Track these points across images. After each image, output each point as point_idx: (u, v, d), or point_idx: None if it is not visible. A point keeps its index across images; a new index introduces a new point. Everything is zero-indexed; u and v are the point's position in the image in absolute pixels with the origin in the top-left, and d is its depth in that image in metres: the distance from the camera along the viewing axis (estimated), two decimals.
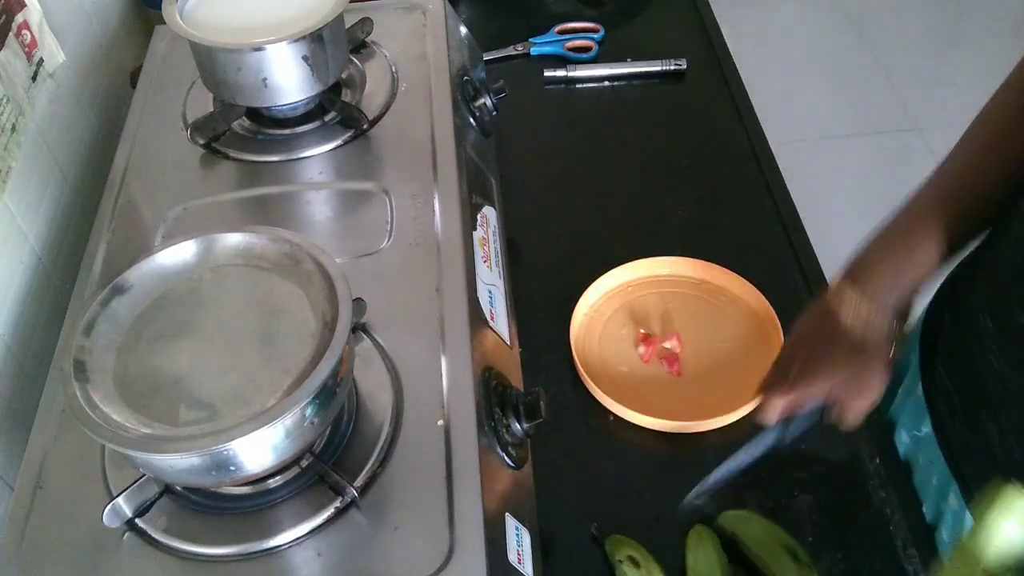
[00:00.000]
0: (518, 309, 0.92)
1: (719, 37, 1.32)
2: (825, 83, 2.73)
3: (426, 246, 0.83)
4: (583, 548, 0.79)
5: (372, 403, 0.72)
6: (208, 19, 0.93)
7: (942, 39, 2.89)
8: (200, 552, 0.65)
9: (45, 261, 0.94)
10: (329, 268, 0.67)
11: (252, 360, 0.64)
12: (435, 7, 1.10)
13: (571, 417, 0.88)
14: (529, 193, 1.10)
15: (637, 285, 0.99)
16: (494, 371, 0.77)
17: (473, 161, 0.96)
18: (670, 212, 1.08)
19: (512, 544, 0.68)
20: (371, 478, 0.67)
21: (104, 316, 0.66)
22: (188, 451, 0.59)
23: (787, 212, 1.06)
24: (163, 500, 0.67)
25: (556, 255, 1.04)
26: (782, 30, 2.93)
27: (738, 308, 0.96)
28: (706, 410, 0.86)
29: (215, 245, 0.70)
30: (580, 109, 1.24)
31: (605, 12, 1.37)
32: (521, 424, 0.74)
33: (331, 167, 0.93)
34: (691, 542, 0.77)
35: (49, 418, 0.74)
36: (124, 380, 0.63)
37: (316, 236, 0.84)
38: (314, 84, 0.93)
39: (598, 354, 0.93)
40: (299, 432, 0.63)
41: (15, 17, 0.93)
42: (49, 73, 1.00)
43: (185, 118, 0.99)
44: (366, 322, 0.77)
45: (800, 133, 2.49)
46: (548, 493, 0.79)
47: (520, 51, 1.31)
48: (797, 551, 0.74)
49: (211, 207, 0.89)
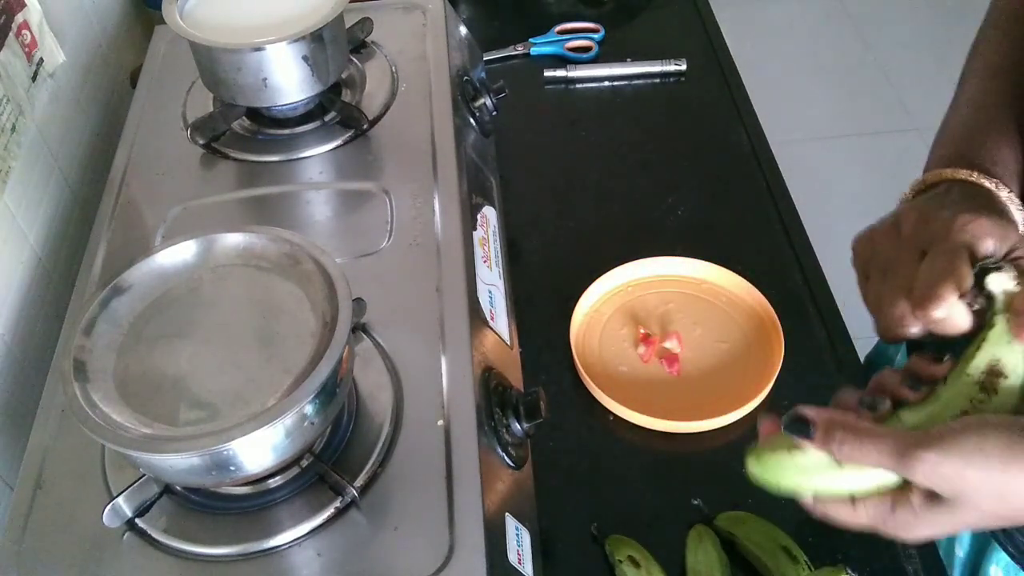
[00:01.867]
0: (518, 309, 0.92)
1: (719, 37, 1.32)
2: (825, 83, 2.73)
3: (426, 246, 0.83)
4: (583, 548, 0.79)
5: (372, 403, 0.72)
6: (208, 19, 0.93)
7: (942, 39, 2.89)
8: (200, 552, 0.65)
9: (45, 261, 0.94)
10: (329, 268, 0.67)
11: (252, 360, 0.64)
12: (435, 7, 1.10)
13: (571, 417, 0.88)
14: (529, 193, 1.10)
15: (637, 285, 0.99)
16: (494, 371, 0.77)
17: (473, 161, 0.96)
18: (670, 212, 1.08)
19: (512, 544, 0.68)
20: (371, 478, 0.67)
21: (104, 316, 0.66)
22: (188, 451, 0.59)
23: (787, 212, 1.06)
24: (163, 500, 0.67)
25: (556, 255, 1.04)
26: (782, 30, 2.93)
27: (738, 308, 0.96)
28: (706, 410, 0.86)
29: (215, 245, 0.70)
30: (580, 109, 1.23)
31: (605, 12, 1.37)
32: (521, 424, 0.74)
33: (331, 167, 0.93)
34: (691, 542, 0.77)
35: (49, 418, 0.74)
36: (124, 380, 0.63)
37: (316, 236, 0.84)
38: (314, 84, 0.93)
39: (598, 354, 0.93)
40: (299, 432, 0.63)
41: (15, 17, 0.93)
42: (49, 73, 1.00)
43: (185, 118, 0.99)
44: (366, 322, 0.77)
45: (800, 133, 2.49)
46: (548, 493, 0.78)
47: (520, 51, 1.31)
48: (796, 551, 0.74)
49: (211, 207, 0.89)
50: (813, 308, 0.96)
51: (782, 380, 0.88)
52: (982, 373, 0.48)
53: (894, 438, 0.46)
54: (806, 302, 0.97)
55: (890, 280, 0.54)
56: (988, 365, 0.48)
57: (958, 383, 0.49)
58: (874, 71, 2.76)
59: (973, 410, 0.48)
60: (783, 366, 0.88)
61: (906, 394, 0.50)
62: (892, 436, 0.46)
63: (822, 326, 0.94)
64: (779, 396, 0.87)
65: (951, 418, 0.47)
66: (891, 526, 0.48)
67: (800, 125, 2.51)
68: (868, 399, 0.50)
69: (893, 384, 0.51)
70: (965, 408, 0.48)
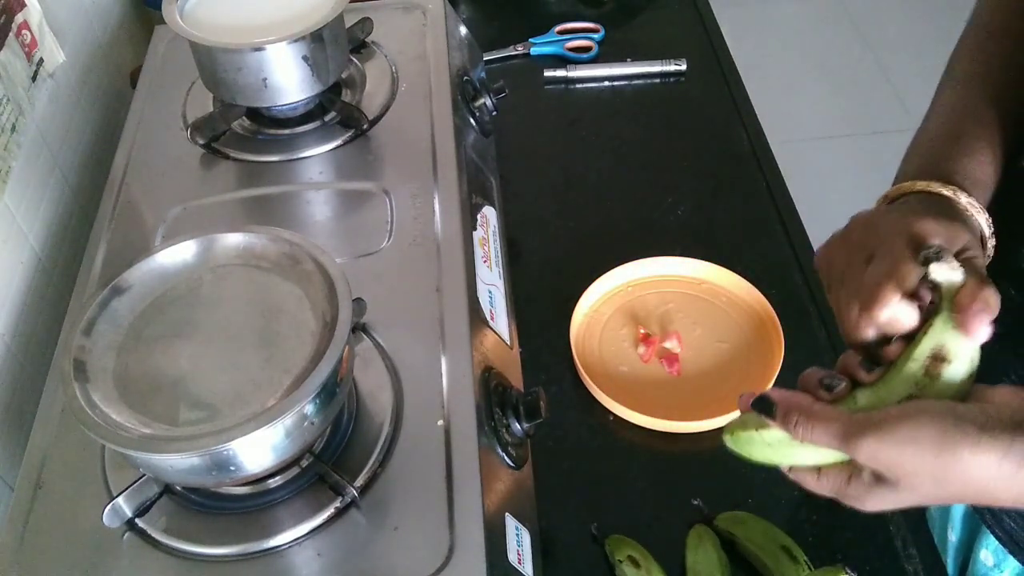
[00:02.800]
0: (518, 309, 0.92)
1: (719, 37, 1.32)
2: (825, 83, 2.73)
3: (426, 246, 0.83)
4: (583, 548, 0.79)
5: (372, 403, 0.72)
6: (208, 19, 0.93)
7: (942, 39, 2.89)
8: (200, 552, 0.65)
9: (45, 261, 0.94)
10: (329, 268, 0.67)
11: (252, 360, 0.64)
12: (435, 7, 1.10)
13: (571, 417, 0.88)
14: (529, 193, 1.10)
15: (637, 285, 0.99)
16: (494, 371, 0.77)
17: (473, 161, 0.96)
18: (670, 212, 1.08)
19: (512, 544, 0.68)
20: (371, 478, 0.67)
21: (104, 316, 0.66)
22: (188, 451, 0.59)
23: (787, 212, 1.06)
24: (163, 500, 0.67)
25: (556, 255, 1.04)
26: (782, 30, 2.93)
27: (738, 308, 0.96)
28: (706, 410, 0.86)
29: (215, 245, 0.70)
30: (580, 109, 1.23)
31: (605, 12, 1.37)
32: (521, 424, 0.74)
33: (331, 167, 0.93)
34: (691, 542, 0.77)
35: (49, 418, 0.74)
36: (124, 380, 0.63)
37: (316, 236, 0.84)
38: (314, 84, 0.93)
39: (598, 354, 0.93)
40: (299, 432, 0.63)
41: (15, 17, 0.93)
42: (49, 73, 1.00)
43: (185, 118, 0.99)
44: (366, 322, 0.77)
45: (800, 133, 2.49)
46: (548, 493, 0.78)
47: (520, 51, 1.31)
48: (796, 551, 0.74)
49: (211, 207, 0.89)
50: (813, 308, 0.96)
51: (782, 380, 0.88)
52: (927, 358, 0.50)
53: (840, 422, 0.49)
54: (806, 302, 0.97)
55: (845, 287, 0.55)
56: (932, 351, 0.50)
57: (905, 367, 0.51)
58: (874, 71, 2.76)
59: (919, 393, 0.50)
60: (783, 366, 0.88)
61: (861, 376, 0.52)
62: (839, 420, 0.49)
63: (822, 326, 0.94)
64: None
65: (898, 401, 0.50)
66: (847, 497, 0.51)
67: (800, 125, 2.51)
68: (827, 379, 0.52)
69: (853, 365, 0.53)
70: (911, 392, 0.50)
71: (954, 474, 0.46)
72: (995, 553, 0.81)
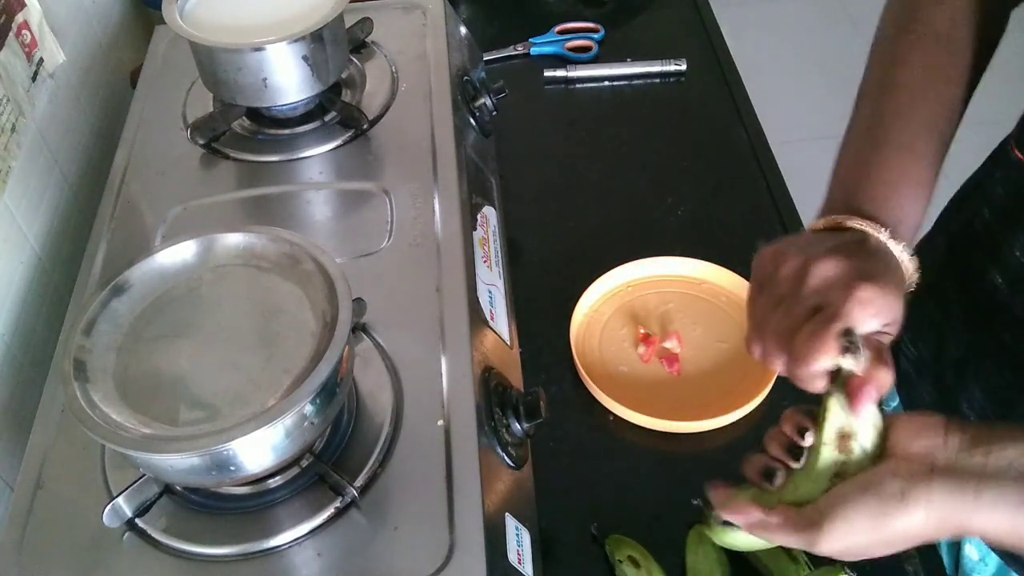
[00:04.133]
0: (518, 309, 0.92)
1: (719, 37, 1.32)
2: (825, 83, 2.73)
3: (426, 246, 0.83)
4: (583, 548, 0.79)
5: (372, 403, 0.72)
6: (208, 19, 0.93)
7: None
8: (200, 552, 0.65)
9: (45, 261, 0.94)
10: (329, 268, 0.67)
11: (252, 360, 0.64)
12: (435, 7, 1.10)
13: (571, 417, 0.88)
14: (529, 193, 1.10)
15: (637, 285, 0.99)
16: (494, 371, 0.77)
17: (473, 161, 0.96)
18: (670, 212, 1.08)
19: (512, 544, 0.68)
20: (371, 478, 0.67)
21: (104, 316, 0.66)
22: (188, 451, 0.59)
23: (787, 212, 1.06)
24: (163, 500, 0.67)
25: (556, 255, 1.04)
26: (782, 30, 2.93)
27: (738, 308, 0.96)
28: (706, 410, 0.86)
29: (215, 245, 0.70)
30: (580, 109, 1.23)
31: (605, 12, 1.37)
32: (521, 424, 0.74)
33: (331, 167, 0.93)
34: (691, 542, 0.77)
35: (49, 418, 0.74)
36: (124, 380, 0.63)
37: (316, 236, 0.84)
38: (314, 84, 0.93)
39: (598, 354, 0.93)
40: (299, 432, 0.63)
41: (15, 17, 0.93)
42: (49, 73, 1.00)
43: (185, 118, 0.99)
44: (366, 322, 0.77)
45: (800, 133, 2.49)
46: (548, 493, 0.78)
47: (520, 51, 1.31)
48: (796, 551, 0.74)
49: (211, 207, 0.89)
50: None
51: (782, 380, 0.88)
52: (835, 440, 0.56)
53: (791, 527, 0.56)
54: None
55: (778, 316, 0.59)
56: (837, 432, 0.56)
57: (822, 452, 0.56)
58: None
59: (843, 469, 0.56)
60: None
61: (790, 464, 0.58)
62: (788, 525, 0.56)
63: None
64: (779, 396, 0.87)
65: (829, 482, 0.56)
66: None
67: (800, 125, 2.51)
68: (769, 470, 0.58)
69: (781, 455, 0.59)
70: (836, 471, 0.56)
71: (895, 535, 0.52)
72: (978, 548, 0.83)
